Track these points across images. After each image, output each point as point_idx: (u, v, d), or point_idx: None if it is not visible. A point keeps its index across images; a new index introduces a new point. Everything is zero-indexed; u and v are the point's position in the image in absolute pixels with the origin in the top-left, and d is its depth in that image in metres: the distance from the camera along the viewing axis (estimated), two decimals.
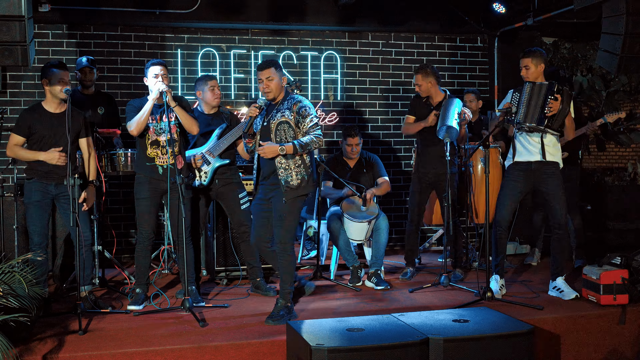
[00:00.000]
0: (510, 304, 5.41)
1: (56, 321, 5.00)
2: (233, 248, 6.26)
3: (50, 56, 7.51)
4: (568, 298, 5.61)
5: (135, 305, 5.40)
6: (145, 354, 4.40)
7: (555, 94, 5.41)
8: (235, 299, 5.79)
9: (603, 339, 5.22)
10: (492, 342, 4.20)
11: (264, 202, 5.26)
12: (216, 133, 5.91)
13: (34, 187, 5.32)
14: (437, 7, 8.27)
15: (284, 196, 5.06)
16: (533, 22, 7.76)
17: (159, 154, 5.43)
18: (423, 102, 6.37)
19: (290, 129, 5.08)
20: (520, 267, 7.11)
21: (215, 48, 8.00)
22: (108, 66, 7.68)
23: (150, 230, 5.50)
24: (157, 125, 5.42)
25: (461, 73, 8.72)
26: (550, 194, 5.63)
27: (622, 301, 5.36)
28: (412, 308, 5.36)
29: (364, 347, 4.00)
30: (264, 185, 5.24)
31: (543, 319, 5.11)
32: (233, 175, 5.97)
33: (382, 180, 6.65)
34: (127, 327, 4.92)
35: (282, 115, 5.10)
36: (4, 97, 7.43)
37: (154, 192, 5.48)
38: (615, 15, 5.44)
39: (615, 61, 5.50)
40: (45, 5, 7.11)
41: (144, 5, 7.57)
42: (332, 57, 8.33)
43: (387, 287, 6.11)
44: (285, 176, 5.05)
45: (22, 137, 5.29)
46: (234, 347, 4.53)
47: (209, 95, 5.88)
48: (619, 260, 5.53)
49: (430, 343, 4.12)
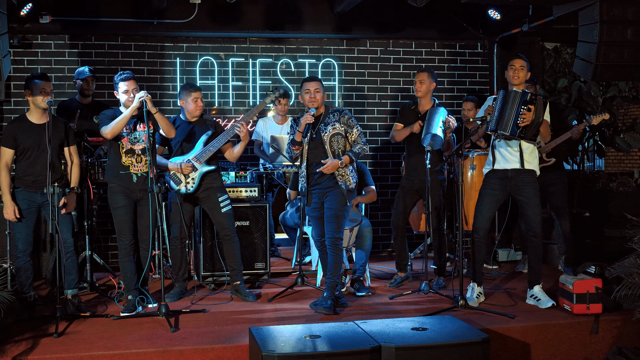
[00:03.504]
0: (483, 312, 5.44)
1: (37, 324, 5.19)
2: (219, 253, 6.39)
3: (53, 66, 7.76)
4: (544, 306, 5.61)
5: (129, 312, 5.56)
6: (110, 357, 4.55)
7: (529, 104, 5.41)
8: (217, 303, 5.92)
9: (575, 349, 5.22)
10: (446, 351, 4.26)
11: (319, 206, 5.75)
12: (202, 140, 6.03)
13: (20, 196, 5.51)
14: (434, 14, 8.26)
15: (347, 198, 5.66)
16: (529, 29, 7.74)
17: (133, 162, 5.58)
18: (411, 110, 6.41)
19: (343, 139, 5.70)
20: (511, 275, 7.10)
21: (214, 56, 8.15)
22: (109, 75, 7.83)
23: (131, 237, 5.66)
24: (131, 134, 5.57)
25: (461, 79, 8.73)
26: (526, 201, 5.64)
27: (596, 310, 5.35)
28: (384, 315, 5.40)
29: (315, 354, 4.09)
30: (318, 190, 5.72)
31: (512, 327, 5.14)
32: (214, 180, 6.09)
33: (369, 190, 6.72)
34: (102, 331, 5.08)
35: (332, 128, 5.67)
36: (7, 105, 7.69)
37: (129, 200, 5.64)
38: (589, 24, 5.44)
39: (590, 69, 5.49)
40: (45, 16, 7.35)
41: (143, 16, 7.75)
42: (330, 65, 8.42)
43: (369, 294, 6.17)
44: (344, 181, 5.65)
45: (10, 149, 5.47)
46: (198, 351, 4.66)
47: (192, 106, 6.02)
48: (594, 270, 5.52)
49: (383, 351, 4.19)
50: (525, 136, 5.52)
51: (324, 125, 5.68)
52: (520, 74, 5.62)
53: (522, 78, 5.62)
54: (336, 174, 5.62)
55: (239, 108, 8.23)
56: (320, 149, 5.66)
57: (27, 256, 5.58)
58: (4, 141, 5.50)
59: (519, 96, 5.47)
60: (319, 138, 5.66)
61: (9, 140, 5.47)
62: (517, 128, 5.47)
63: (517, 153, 5.63)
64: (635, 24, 5.43)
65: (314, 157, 5.68)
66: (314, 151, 5.67)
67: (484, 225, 5.75)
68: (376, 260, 7.86)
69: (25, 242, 5.56)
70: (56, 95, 7.67)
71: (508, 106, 5.49)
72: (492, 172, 5.76)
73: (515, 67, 5.64)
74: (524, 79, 5.63)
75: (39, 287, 6.43)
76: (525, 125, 5.45)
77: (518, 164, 5.64)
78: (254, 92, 8.25)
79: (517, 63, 5.64)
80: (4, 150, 5.48)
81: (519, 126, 5.46)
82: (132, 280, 5.72)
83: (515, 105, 5.45)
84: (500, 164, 5.69)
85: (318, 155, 5.66)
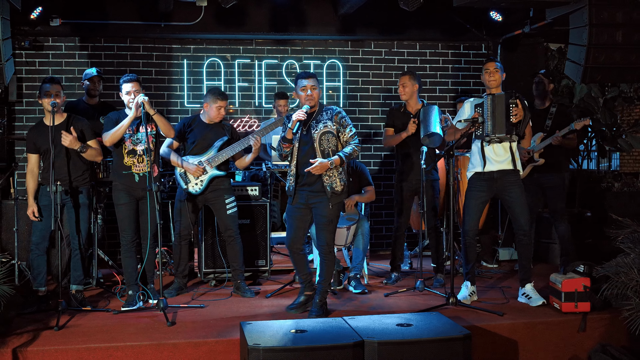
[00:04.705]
0: (473, 310, 5.54)
1: (40, 317, 5.39)
2: (220, 251, 6.57)
3: (64, 67, 7.99)
4: (535, 304, 5.70)
5: (129, 307, 5.75)
6: (106, 349, 4.73)
7: (515, 101, 5.52)
8: (217, 299, 6.09)
9: (563, 346, 5.31)
10: (428, 346, 4.36)
11: (303, 207, 5.53)
12: (217, 145, 6.21)
13: (43, 192, 5.83)
14: (438, 15, 8.35)
15: (330, 202, 5.41)
16: (530, 30, 7.80)
17: (135, 162, 5.78)
18: (401, 112, 6.52)
19: (333, 138, 5.46)
20: (509, 273, 7.17)
21: (220, 58, 8.33)
22: (117, 76, 8.00)
23: (133, 234, 5.86)
24: (133, 135, 5.76)
25: (465, 80, 8.81)
26: (513, 201, 5.73)
27: (584, 309, 5.42)
28: (376, 312, 5.52)
29: (299, 348, 4.23)
30: (305, 191, 5.49)
31: (500, 324, 5.24)
32: (222, 181, 6.27)
33: (368, 189, 6.83)
34: (101, 325, 5.26)
35: (324, 126, 5.45)
36: (20, 105, 7.92)
37: (132, 198, 5.84)
38: (579, 27, 5.51)
39: (580, 71, 5.56)
40: (55, 19, 7.58)
41: (150, 19, 7.94)
42: (335, 66, 8.55)
43: (365, 291, 6.29)
44: (330, 183, 5.42)
45: (34, 154, 5.83)
46: (191, 345, 4.82)
47: (214, 113, 6.19)
48: (582, 269, 5.59)
49: (366, 345, 4.31)
50: (519, 132, 5.63)
51: (315, 123, 5.46)
52: (495, 76, 5.72)
53: (499, 80, 5.73)
54: (323, 175, 5.40)
55: (244, 109, 8.40)
56: (310, 147, 5.44)
57: (41, 250, 5.85)
58: (27, 148, 5.88)
59: (504, 97, 5.59)
60: (309, 136, 5.46)
61: (30, 146, 5.85)
62: (511, 126, 5.57)
63: (508, 154, 5.72)
64: (625, 26, 5.50)
65: (303, 156, 5.46)
66: (305, 150, 5.46)
67: (474, 227, 5.83)
68: (377, 258, 7.96)
69: (40, 236, 5.84)
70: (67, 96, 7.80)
71: (497, 109, 5.59)
72: (477, 174, 5.84)
73: (489, 71, 5.75)
74: (500, 81, 5.74)
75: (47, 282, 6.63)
76: (518, 120, 5.56)
77: (509, 165, 5.72)
78: (260, 93, 8.41)
79: (491, 66, 5.76)
80: (29, 157, 5.87)
81: (512, 123, 5.57)
82: (132, 275, 5.90)
83: (503, 106, 5.56)
84: (486, 167, 5.77)
85: (308, 154, 5.44)
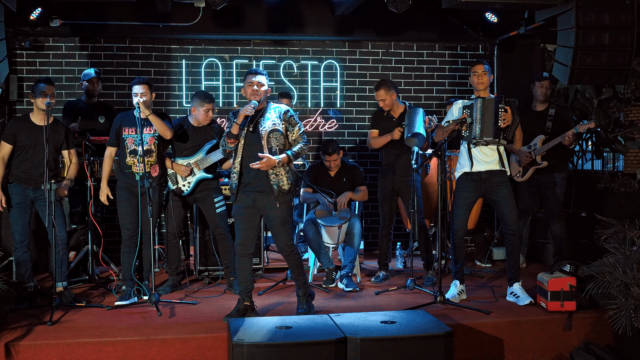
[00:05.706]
0: (460, 308, 5.61)
1: (34, 313, 5.50)
2: (214, 249, 6.67)
3: (64, 67, 8.11)
4: (523, 303, 5.76)
5: (123, 301, 5.85)
6: (97, 344, 4.83)
7: (504, 106, 5.58)
8: (209, 296, 6.18)
9: (548, 344, 5.37)
10: (409, 343, 4.44)
11: (251, 208, 5.37)
12: (206, 148, 6.33)
13: (14, 190, 5.88)
14: (435, 17, 8.41)
15: (277, 200, 5.28)
16: (525, 31, 7.85)
17: (135, 162, 5.92)
18: (384, 116, 6.64)
19: (281, 136, 5.32)
20: (501, 273, 7.21)
21: (218, 58, 8.42)
22: (117, 76, 8.21)
23: (132, 230, 5.97)
24: (136, 136, 5.87)
25: (462, 81, 8.86)
26: (501, 201, 5.79)
27: (570, 308, 5.48)
28: (365, 309, 5.60)
29: (282, 344, 4.32)
30: (248, 192, 5.33)
31: (486, 322, 5.31)
32: (210, 182, 6.38)
33: (361, 189, 6.90)
34: (93, 320, 5.37)
35: (273, 124, 5.31)
36: (20, 105, 8.04)
37: (132, 195, 5.95)
38: (567, 29, 5.57)
39: (567, 72, 5.62)
40: (56, 20, 7.69)
41: (149, 19, 8.03)
42: (332, 66, 8.63)
43: (356, 289, 6.37)
44: (277, 181, 5.27)
45: (8, 144, 5.84)
46: (180, 340, 4.92)
47: (202, 116, 6.30)
48: (568, 268, 5.65)
49: (348, 342, 4.39)
50: (507, 137, 5.69)
51: (263, 120, 5.31)
52: (483, 79, 5.78)
53: (486, 83, 5.78)
54: (270, 172, 5.25)
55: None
56: (257, 144, 5.25)
57: (25, 247, 5.92)
58: (5, 136, 5.89)
59: (494, 101, 5.65)
60: (256, 132, 5.28)
61: (8, 136, 5.86)
62: (498, 130, 5.63)
63: (496, 155, 5.78)
64: (611, 28, 5.55)
65: (249, 152, 5.28)
66: (250, 147, 5.27)
67: (462, 227, 5.90)
68: (372, 257, 8.00)
69: (22, 233, 5.90)
70: (67, 95, 8.06)
71: (487, 113, 5.65)
72: (465, 175, 5.90)
73: (478, 73, 5.81)
74: (487, 83, 5.80)
75: (45, 279, 6.77)
76: (506, 125, 5.62)
77: (497, 165, 5.79)
78: None
79: (479, 69, 5.81)
80: (3, 144, 5.85)
81: (500, 128, 5.63)
82: (128, 270, 6.00)
83: (492, 110, 5.62)
84: (474, 167, 5.83)
85: (254, 150, 5.24)
